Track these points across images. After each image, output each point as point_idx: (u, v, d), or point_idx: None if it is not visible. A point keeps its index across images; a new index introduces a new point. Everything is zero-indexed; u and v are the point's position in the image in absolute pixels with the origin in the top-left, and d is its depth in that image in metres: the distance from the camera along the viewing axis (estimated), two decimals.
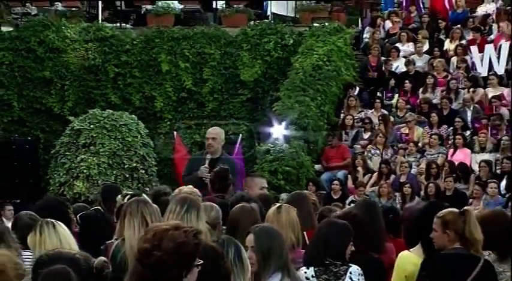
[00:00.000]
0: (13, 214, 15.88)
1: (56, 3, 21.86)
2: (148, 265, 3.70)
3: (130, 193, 7.75)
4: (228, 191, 9.65)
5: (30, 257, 5.67)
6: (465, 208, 6.51)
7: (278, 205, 6.54)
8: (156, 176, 17.71)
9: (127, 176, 16.90)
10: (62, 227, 5.47)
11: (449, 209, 6.83)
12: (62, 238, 5.36)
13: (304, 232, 6.60)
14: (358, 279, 5.79)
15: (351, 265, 5.79)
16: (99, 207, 7.87)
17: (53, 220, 5.60)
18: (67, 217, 6.90)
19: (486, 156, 16.37)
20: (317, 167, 17.36)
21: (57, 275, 3.97)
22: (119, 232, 6.19)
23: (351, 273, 5.75)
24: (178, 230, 3.73)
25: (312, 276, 5.63)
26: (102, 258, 4.91)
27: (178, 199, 6.42)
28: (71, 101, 20.33)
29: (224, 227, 6.71)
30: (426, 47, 20.16)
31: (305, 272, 5.63)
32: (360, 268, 5.81)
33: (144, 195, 7.04)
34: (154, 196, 8.63)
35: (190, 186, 8.00)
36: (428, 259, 6.56)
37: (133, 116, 18.04)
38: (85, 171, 16.69)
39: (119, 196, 7.76)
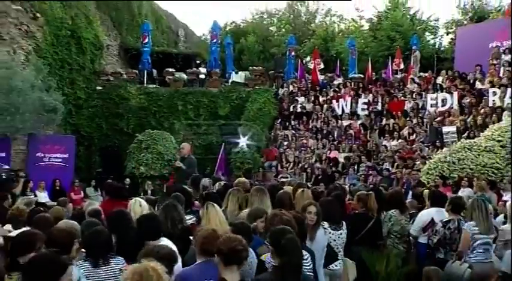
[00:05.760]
0: None
1: (123, 75, 21.21)
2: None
3: (224, 183, 7.56)
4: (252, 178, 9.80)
5: (192, 218, 5.63)
6: (370, 192, 6.70)
7: (301, 189, 6.37)
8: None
9: (165, 164, 16.59)
10: (217, 207, 5.05)
11: (361, 191, 7.12)
12: (218, 213, 4.96)
13: None
14: (346, 228, 5.84)
15: (342, 221, 5.85)
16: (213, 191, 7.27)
17: (213, 203, 5.11)
18: (189, 199, 6.47)
19: (346, 154, 16.68)
20: (261, 159, 17.29)
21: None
22: (225, 204, 6.01)
23: (344, 224, 5.82)
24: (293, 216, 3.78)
25: (328, 226, 5.59)
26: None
27: (254, 189, 6.05)
28: (132, 125, 19.79)
29: None
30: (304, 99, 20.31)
31: (322, 224, 5.46)
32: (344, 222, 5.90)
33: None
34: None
35: (244, 178, 7.85)
36: (348, 215, 6.80)
37: (168, 133, 17.77)
38: (145, 161, 16.28)
39: (218, 183, 7.60)
